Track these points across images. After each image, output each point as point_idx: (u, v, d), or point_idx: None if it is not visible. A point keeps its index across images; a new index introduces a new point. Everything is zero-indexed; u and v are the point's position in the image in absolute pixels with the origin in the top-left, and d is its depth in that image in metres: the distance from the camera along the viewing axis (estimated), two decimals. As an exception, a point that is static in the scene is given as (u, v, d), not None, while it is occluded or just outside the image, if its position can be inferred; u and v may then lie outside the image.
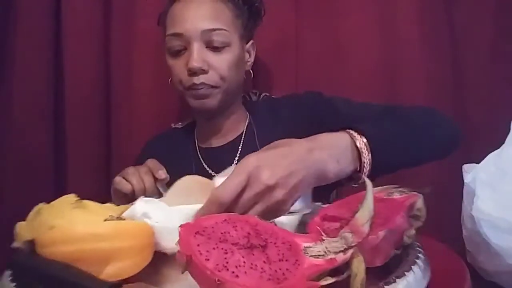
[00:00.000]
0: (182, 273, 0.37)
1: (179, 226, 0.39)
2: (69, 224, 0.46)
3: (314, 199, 0.62)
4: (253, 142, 0.88)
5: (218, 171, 0.80)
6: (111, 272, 0.43)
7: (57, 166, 1.15)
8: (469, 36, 1.08)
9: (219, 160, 0.87)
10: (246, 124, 0.94)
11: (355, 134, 0.59)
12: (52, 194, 1.13)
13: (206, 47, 0.84)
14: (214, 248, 0.37)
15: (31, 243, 0.46)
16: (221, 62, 0.84)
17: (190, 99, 0.87)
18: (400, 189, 0.51)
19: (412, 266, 0.43)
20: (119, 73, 1.18)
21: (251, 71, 0.95)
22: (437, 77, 1.08)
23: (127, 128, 1.17)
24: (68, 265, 0.42)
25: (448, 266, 0.52)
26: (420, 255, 0.46)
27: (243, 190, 0.50)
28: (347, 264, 0.38)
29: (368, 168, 0.58)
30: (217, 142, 0.93)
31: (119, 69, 1.18)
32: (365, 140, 0.58)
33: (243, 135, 0.92)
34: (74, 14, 1.14)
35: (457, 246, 0.59)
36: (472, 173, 0.61)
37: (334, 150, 0.56)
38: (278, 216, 0.52)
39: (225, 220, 0.41)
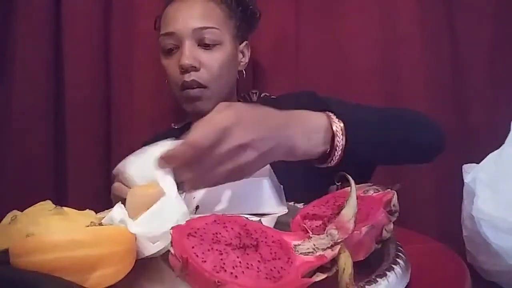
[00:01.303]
0: (177, 276, 0.37)
1: (170, 228, 0.39)
2: (46, 231, 0.43)
3: (312, 194, 0.61)
4: None
5: None
6: (93, 280, 0.40)
7: (57, 166, 1.15)
8: (469, 36, 1.08)
9: None
10: None
11: (333, 117, 0.58)
12: (52, 194, 1.13)
13: (198, 45, 0.85)
14: (209, 250, 0.37)
15: (5, 253, 0.42)
16: (212, 60, 0.85)
17: (184, 102, 0.87)
18: (374, 187, 0.53)
19: (393, 265, 0.43)
20: (119, 73, 1.18)
21: (244, 71, 0.95)
22: (437, 77, 1.08)
23: (127, 128, 1.17)
24: (48, 275, 0.39)
25: (448, 266, 0.52)
26: (400, 253, 0.47)
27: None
28: (334, 260, 0.39)
29: (339, 153, 0.58)
30: None
31: (119, 69, 1.18)
32: (342, 124, 0.58)
33: None
34: (74, 15, 1.14)
35: (457, 246, 0.59)
36: (472, 173, 0.61)
37: (308, 127, 0.56)
38: (240, 179, 0.52)
39: (215, 221, 0.41)
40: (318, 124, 0.57)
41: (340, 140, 0.57)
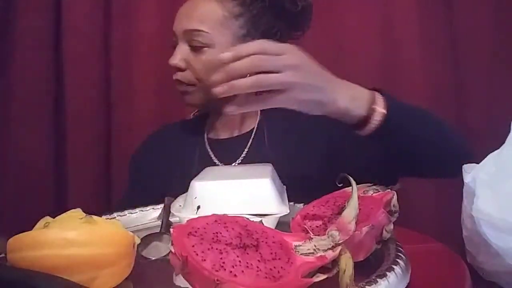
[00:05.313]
0: (177, 275, 0.37)
1: (172, 227, 0.39)
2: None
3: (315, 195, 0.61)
4: (262, 141, 0.89)
5: (223, 160, 0.86)
6: (87, 281, 0.40)
7: (57, 167, 1.15)
8: (469, 36, 1.08)
9: (226, 151, 0.89)
10: (257, 121, 0.94)
11: (378, 95, 0.64)
12: (52, 194, 1.13)
13: (189, 45, 0.85)
14: (209, 249, 0.37)
15: None
16: (198, 62, 0.85)
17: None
18: (374, 187, 0.53)
19: (393, 266, 0.43)
20: (119, 73, 1.18)
21: None
22: (437, 77, 1.08)
23: (127, 128, 1.17)
24: (47, 274, 0.38)
25: (448, 266, 0.52)
26: (400, 254, 0.47)
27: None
28: (334, 261, 0.39)
29: (377, 122, 0.62)
30: (225, 134, 0.94)
31: (119, 69, 1.18)
32: (384, 111, 0.62)
33: (253, 132, 0.92)
34: (74, 14, 1.14)
35: (457, 246, 0.59)
36: (472, 173, 0.61)
37: (354, 92, 0.63)
38: (268, 104, 0.58)
39: (216, 221, 0.41)
40: (363, 93, 0.63)
41: (379, 109, 0.62)
